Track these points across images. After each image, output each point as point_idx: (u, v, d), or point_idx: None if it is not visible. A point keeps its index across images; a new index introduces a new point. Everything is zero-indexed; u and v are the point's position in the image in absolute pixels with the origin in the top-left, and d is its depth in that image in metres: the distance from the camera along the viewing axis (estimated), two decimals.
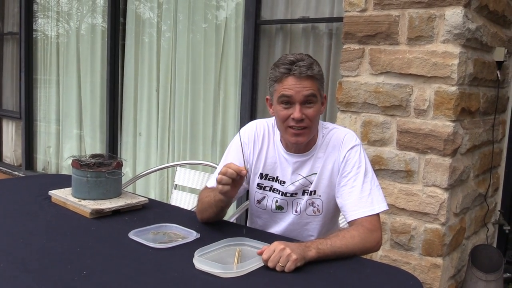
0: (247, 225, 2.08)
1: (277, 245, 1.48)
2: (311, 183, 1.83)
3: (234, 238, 1.65)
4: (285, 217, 1.89)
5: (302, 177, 1.84)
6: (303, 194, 1.85)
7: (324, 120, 3.44)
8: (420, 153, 2.63)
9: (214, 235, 1.70)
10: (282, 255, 1.45)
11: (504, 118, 3.39)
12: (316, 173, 1.82)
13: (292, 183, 1.85)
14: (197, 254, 1.50)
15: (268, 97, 1.83)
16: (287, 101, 1.72)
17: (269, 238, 1.70)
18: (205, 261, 1.46)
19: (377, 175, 2.74)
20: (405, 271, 1.59)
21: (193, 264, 1.47)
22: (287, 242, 1.52)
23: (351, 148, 1.81)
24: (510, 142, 3.43)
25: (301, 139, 1.76)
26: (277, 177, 1.88)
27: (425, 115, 2.61)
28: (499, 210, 3.46)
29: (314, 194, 1.84)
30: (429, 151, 2.60)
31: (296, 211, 1.87)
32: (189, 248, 1.57)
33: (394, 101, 2.68)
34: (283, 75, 1.70)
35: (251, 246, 1.62)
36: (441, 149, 2.56)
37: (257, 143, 1.92)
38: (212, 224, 1.87)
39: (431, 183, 2.61)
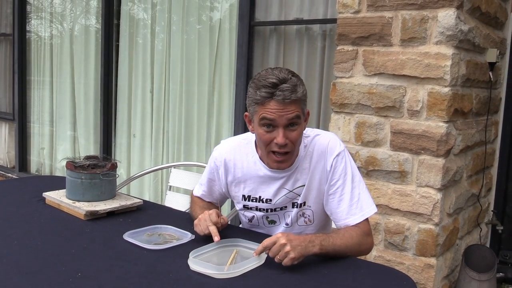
0: (241, 226, 2.08)
1: (280, 237, 1.48)
2: (299, 195, 1.79)
3: (229, 239, 1.66)
4: (278, 229, 1.87)
5: (288, 191, 1.79)
6: (292, 207, 1.82)
7: (318, 122, 3.47)
8: (414, 153, 2.65)
9: (209, 237, 1.70)
10: (282, 250, 1.46)
11: (497, 119, 3.41)
12: (304, 185, 1.78)
13: (279, 199, 1.80)
14: (191, 255, 1.50)
15: (247, 113, 1.72)
16: (270, 124, 1.62)
17: (264, 238, 1.70)
18: (200, 262, 1.46)
19: (370, 176, 2.77)
20: (399, 271, 1.60)
21: (188, 265, 1.47)
22: (291, 236, 1.51)
23: (337, 155, 1.76)
24: (502, 143, 3.45)
25: (283, 165, 1.72)
26: (260, 197, 1.82)
27: (418, 116, 2.62)
28: (492, 210, 3.49)
29: (304, 205, 1.80)
30: (422, 151, 2.62)
31: (286, 224, 1.84)
32: (184, 249, 1.57)
33: (388, 102, 2.70)
34: (265, 99, 1.59)
35: (247, 247, 1.62)
36: (434, 150, 2.57)
37: (230, 168, 1.86)
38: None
39: (424, 183, 2.63)
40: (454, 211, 2.82)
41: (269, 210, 1.83)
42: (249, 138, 1.87)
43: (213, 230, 1.65)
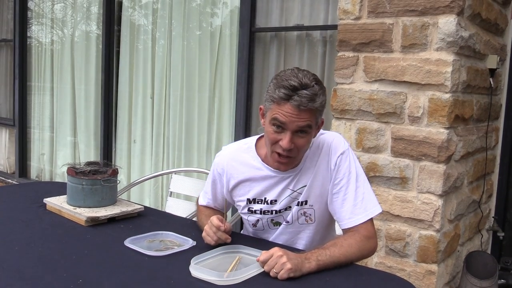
0: (242, 232, 2.08)
1: (276, 251, 1.48)
2: (301, 194, 1.78)
3: (230, 246, 1.65)
4: (277, 229, 1.87)
5: (292, 191, 1.78)
6: (294, 206, 1.81)
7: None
8: (415, 160, 2.65)
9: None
10: (278, 261, 1.45)
11: (497, 125, 3.41)
12: (306, 185, 1.77)
13: (284, 199, 1.79)
14: (193, 261, 1.50)
15: (262, 106, 1.73)
16: (279, 125, 1.61)
17: (266, 245, 1.70)
18: (201, 269, 1.46)
19: (371, 182, 2.77)
20: (401, 278, 1.60)
21: (189, 271, 1.47)
22: (287, 250, 1.51)
23: (342, 153, 1.75)
24: (503, 149, 3.45)
25: (283, 167, 1.72)
26: (265, 198, 1.81)
27: (419, 122, 2.62)
28: (493, 217, 3.48)
29: (306, 204, 1.79)
30: (423, 158, 2.62)
31: (287, 221, 1.82)
32: (185, 256, 1.57)
33: (389, 108, 2.70)
34: (282, 99, 1.57)
35: (249, 254, 1.62)
36: (435, 156, 2.57)
37: (232, 172, 1.86)
38: None
39: (425, 189, 2.62)
40: (455, 218, 2.81)
41: (274, 212, 1.82)
42: (249, 142, 1.87)
43: (222, 236, 1.66)
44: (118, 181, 2.15)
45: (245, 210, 1.87)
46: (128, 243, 1.70)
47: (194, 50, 4.18)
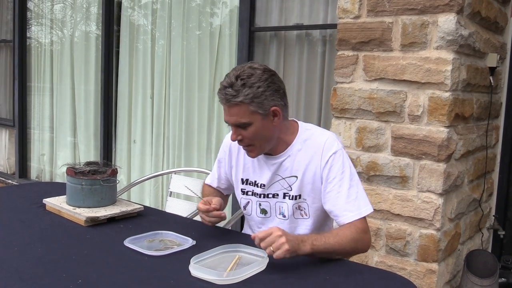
0: (243, 231, 2.08)
1: (275, 230, 1.52)
2: (291, 186, 1.83)
3: (230, 245, 1.65)
4: (272, 222, 1.90)
5: (281, 177, 1.85)
6: (284, 198, 1.85)
7: (319, 126, 3.46)
8: (415, 158, 2.64)
9: (210, 242, 1.70)
10: (277, 241, 1.49)
11: (498, 123, 3.41)
12: (296, 176, 1.82)
13: (272, 184, 1.86)
14: (193, 261, 1.49)
15: None
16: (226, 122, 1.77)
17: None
18: (201, 268, 1.45)
19: (371, 181, 2.77)
20: (402, 276, 1.59)
21: (189, 271, 1.46)
22: (286, 231, 1.54)
23: (334, 153, 1.78)
24: (503, 148, 3.44)
25: (251, 154, 1.82)
26: (255, 181, 1.90)
27: (419, 121, 2.62)
28: (493, 215, 3.48)
29: (300, 198, 1.84)
30: (423, 156, 2.61)
31: (284, 216, 1.87)
32: (185, 255, 1.57)
33: (388, 107, 2.70)
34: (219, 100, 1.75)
35: (248, 253, 1.62)
36: (435, 155, 2.57)
37: (234, 152, 1.98)
38: (208, 231, 1.87)
39: (425, 188, 2.62)
40: (456, 216, 2.81)
41: (262, 196, 1.89)
42: None
43: (212, 218, 1.79)
44: (117, 181, 2.14)
45: (239, 191, 1.97)
46: (128, 243, 1.70)
47: (193, 50, 4.18)
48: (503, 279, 3.12)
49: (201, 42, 4.14)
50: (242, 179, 1.95)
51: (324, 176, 1.78)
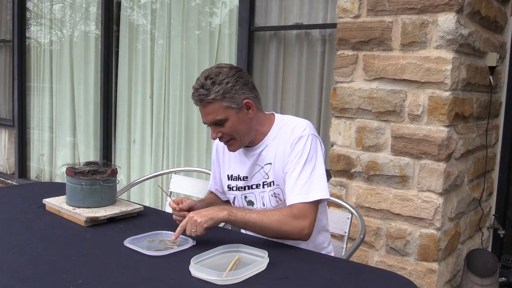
0: (243, 231, 2.07)
1: (189, 215, 1.67)
2: (267, 173, 1.88)
3: (230, 245, 1.65)
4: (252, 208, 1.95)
5: (260, 167, 1.90)
6: (263, 187, 1.90)
7: (319, 127, 3.46)
8: (415, 158, 2.64)
9: (210, 242, 1.69)
10: (191, 222, 1.64)
11: (497, 123, 3.41)
12: (271, 163, 1.87)
13: (254, 175, 1.92)
14: (193, 261, 1.49)
15: None
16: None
17: (265, 243, 1.70)
18: (201, 268, 1.45)
19: (371, 181, 2.77)
20: (402, 276, 1.59)
21: (189, 271, 1.46)
22: (201, 210, 1.71)
23: (300, 137, 1.80)
24: (503, 147, 3.44)
25: (231, 148, 1.89)
26: (239, 175, 1.96)
27: (419, 120, 2.62)
28: (493, 215, 3.48)
29: (274, 184, 1.88)
30: (423, 156, 2.61)
31: (263, 204, 1.91)
32: (185, 256, 1.56)
33: (388, 106, 2.69)
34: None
35: (248, 253, 1.61)
36: (435, 154, 2.57)
37: (220, 152, 2.06)
38: (208, 231, 1.86)
39: (425, 188, 2.62)
40: (456, 216, 2.81)
41: (246, 188, 1.94)
42: None
43: (177, 217, 1.85)
44: (117, 181, 2.14)
45: (226, 188, 2.02)
46: (128, 243, 1.70)
47: (193, 49, 4.17)
48: (503, 278, 3.12)
49: (201, 42, 4.13)
50: (228, 175, 2.00)
51: (285, 158, 1.82)
